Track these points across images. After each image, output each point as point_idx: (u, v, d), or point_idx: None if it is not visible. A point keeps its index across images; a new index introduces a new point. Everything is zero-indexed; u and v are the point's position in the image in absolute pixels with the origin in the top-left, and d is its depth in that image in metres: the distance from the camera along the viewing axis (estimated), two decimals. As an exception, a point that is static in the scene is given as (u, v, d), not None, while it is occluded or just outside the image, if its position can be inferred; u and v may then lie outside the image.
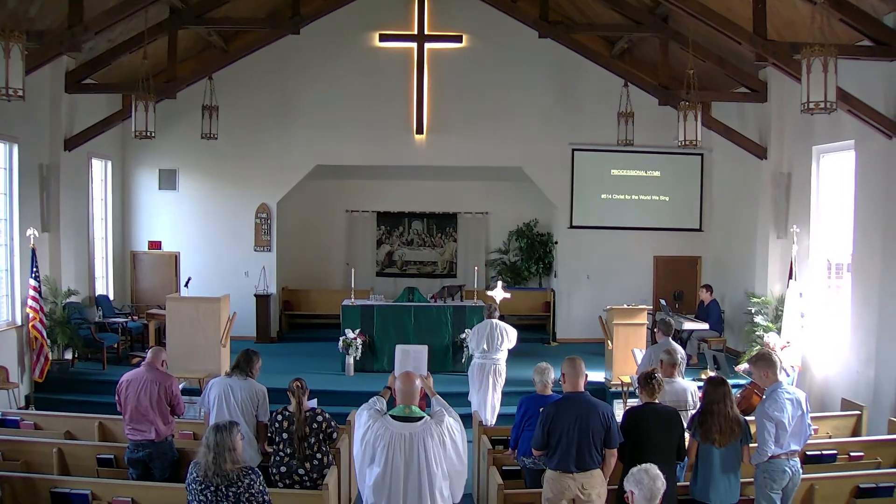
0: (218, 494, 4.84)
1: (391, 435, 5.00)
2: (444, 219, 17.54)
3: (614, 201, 15.87)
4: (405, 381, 5.22)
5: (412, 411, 5.11)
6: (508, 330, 10.35)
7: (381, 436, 5.01)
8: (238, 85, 15.13)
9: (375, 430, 5.04)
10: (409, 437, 4.99)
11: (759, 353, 6.86)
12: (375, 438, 5.01)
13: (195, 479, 4.89)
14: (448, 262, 17.57)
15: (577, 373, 5.90)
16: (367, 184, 17.25)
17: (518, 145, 15.57)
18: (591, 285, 15.79)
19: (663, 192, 15.90)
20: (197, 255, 15.51)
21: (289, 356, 13.72)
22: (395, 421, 5.07)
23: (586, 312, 15.22)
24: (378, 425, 5.05)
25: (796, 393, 6.32)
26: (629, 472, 4.16)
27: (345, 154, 15.52)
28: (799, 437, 6.23)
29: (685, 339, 13.02)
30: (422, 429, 5.04)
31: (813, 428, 6.70)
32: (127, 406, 6.87)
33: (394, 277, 17.36)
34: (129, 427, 6.89)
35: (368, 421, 5.11)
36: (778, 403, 6.13)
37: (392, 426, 5.03)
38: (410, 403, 5.15)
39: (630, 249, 15.86)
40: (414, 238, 17.56)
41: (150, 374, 6.93)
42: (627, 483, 4.09)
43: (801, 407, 6.24)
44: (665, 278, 15.89)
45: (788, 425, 6.11)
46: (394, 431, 5.01)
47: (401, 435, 4.99)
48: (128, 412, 6.87)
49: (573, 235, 15.90)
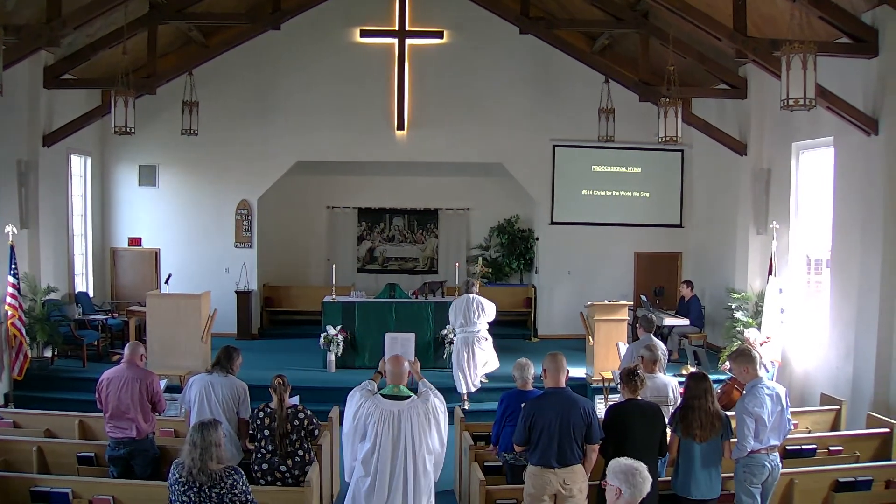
0: (202, 495, 4.81)
1: (381, 412, 5.53)
2: (425, 215, 17.52)
3: (595, 197, 15.87)
4: (394, 363, 5.78)
5: (400, 391, 5.66)
6: (485, 304, 11.22)
7: (372, 413, 5.53)
8: (218, 80, 14.99)
9: (367, 407, 5.56)
10: (398, 414, 5.53)
11: (738, 349, 6.92)
12: (367, 415, 5.53)
13: (178, 479, 4.86)
14: (429, 259, 17.56)
15: (559, 368, 5.90)
16: (349, 180, 17.21)
17: (499, 141, 15.55)
18: (572, 281, 15.79)
19: (644, 189, 15.90)
20: (177, 251, 15.39)
21: (270, 353, 13.64)
22: (385, 399, 5.61)
23: (567, 308, 15.27)
24: (369, 403, 5.57)
25: (776, 388, 6.33)
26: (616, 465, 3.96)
27: (326, 150, 15.45)
28: (778, 431, 6.24)
29: (666, 334, 13.02)
30: (409, 406, 5.59)
31: (793, 423, 6.70)
32: (108, 404, 6.81)
33: (375, 274, 17.36)
34: (110, 425, 6.83)
35: (360, 399, 5.62)
36: (758, 399, 6.14)
37: (382, 404, 5.57)
38: (399, 383, 5.71)
39: (611, 245, 15.88)
40: (395, 234, 17.55)
41: (131, 372, 6.87)
42: (615, 479, 3.91)
43: (780, 402, 6.24)
44: (646, 274, 15.89)
45: (768, 420, 6.12)
46: (384, 409, 5.54)
47: (390, 412, 5.53)
48: (108, 410, 6.81)
49: (554, 231, 15.90)
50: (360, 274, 17.31)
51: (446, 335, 12.22)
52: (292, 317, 16.53)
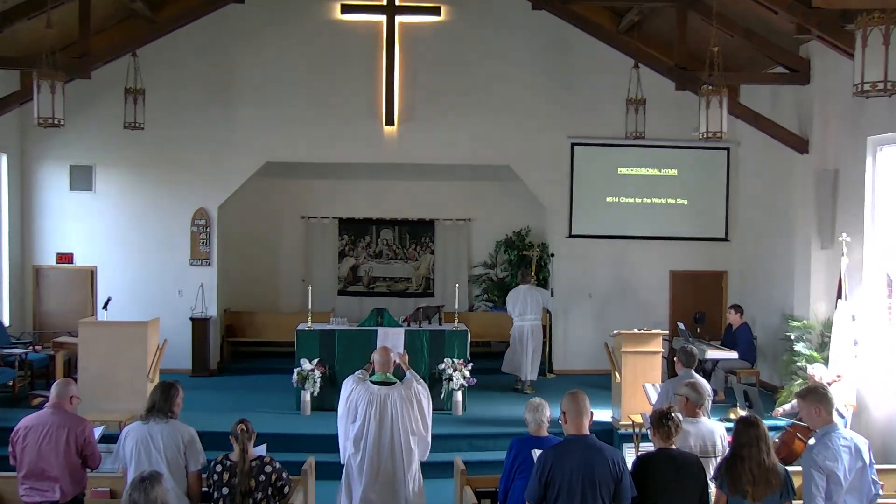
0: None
1: (370, 395, 7.37)
2: (419, 227, 17.65)
3: (622, 205, 15.91)
4: (382, 353, 7.68)
5: (387, 377, 7.54)
6: (540, 293, 14.10)
7: (362, 396, 7.38)
8: (169, 64, 15.00)
9: (358, 391, 7.42)
10: (384, 397, 7.38)
11: (809, 385, 6.80)
12: (358, 398, 7.38)
13: None
14: (424, 279, 17.69)
15: (581, 410, 5.86)
16: (328, 185, 17.33)
17: (507, 139, 15.61)
18: (594, 306, 15.82)
19: (681, 195, 15.92)
20: (119, 270, 15.29)
21: (232, 392, 13.70)
22: (374, 385, 7.49)
23: (589, 338, 15.34)
24: (360, 388, 7.45)
25: (855, 439, 6.19)
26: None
27: (300, 149, 15.48)
28: (859, 494, 6.09)
29: (709, 370, 13.03)
30: (394, 390, 7.46)
31: (879, 484, 6.46)
32: (24, 459, 6.65)
33: (359, 297, 17.46)
34: (26, 486, 6.66)
35: (352, 385, 7.51)
36: (831, 450, 6.02)
37: (371, 388, 7.43)
38: (386, 371, 7.57)
39: (641, 263, 15.90)
40: (383, 249, 17.64)
41: (58, 418, 6.71)
42: None
43: (861, 457, 6.10)
44: (684, 297, 15.87)
45: (844, 479, 5.99)
46: (373, 392, 7.39)
47: (377, 395, 7.38)
48: (24, 467, 6.65)
49: (573, 246, 15.91)
50: (342, 297, 17.42)
51: (444, 370, 12.32)
52: (259, 349, 16.65)
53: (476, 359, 12.94)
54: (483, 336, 16.34)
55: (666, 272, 16.02)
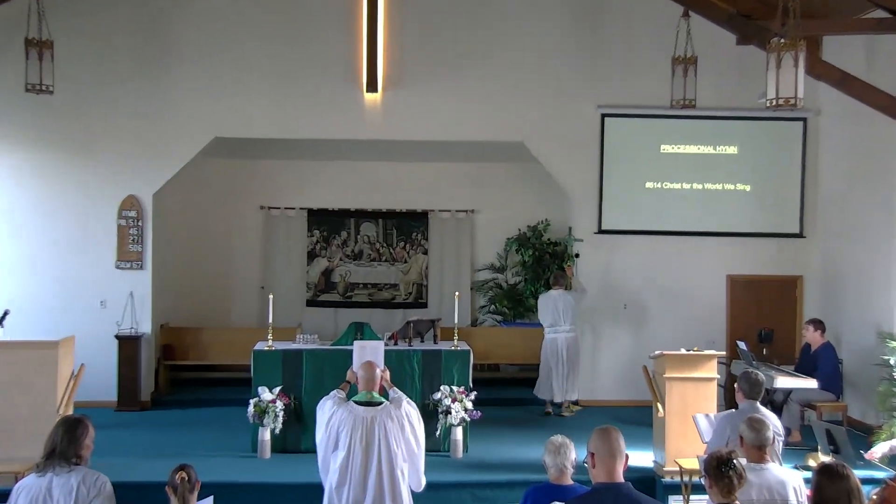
0: None
1: (354, 418, 7.68)
2: (409, 220, 17.82)
3: (666, 193, 15.81)
4: (367, 369, 8.05)
5: (373, 397, 7.87)
6: (574, 296, 14.64)
7: (345, 420, 7.68)
8: (85, 9, 14.90)
9: (340, 415, 7.71)
10: (371, 420, 7.69)
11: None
12: (340, 423, 7.68)
13: None
14: (415, 286, 17.84)
15: (614, 451, 5.80)
16: (293, 167, 17.53)
17: (520, 110, 15.60)
18: (629, 320, 15.79)
19: (743, 179, 15.82)
20: (19, 275, 15.12)
21: (169, 431, 13.56)
22: (358, 406, 7.78)
23: (623, 361, 15.42)
24: (342, 410, 7.74)
25: None
26: None
27: (258, 122, 15.42)
28: None
29: (780, 403, 12.96)
30: (382, 412, 7.77)
31: None
32: None
33: (333, 308, 17.61)
34: None
35: (333, 407, 7.80)
36: None
37: (355, 410, 7.72)
38: (372, 390, 7.92)
39: (691, 266, 15.81)
40: (364, 249, 17.75)
41: None
42: None
43: None
44: (746, 309, 15.79)
45: None
46: (357, 415, 7.69)
47: (363, 418, 7.68)
48: None
49: (603, 244, 15.84)
50: (312, 309, 17.61)
51: (440, 401, 12.22)
52: (206, 374, 16.66)
53: (480, 386, 12.92)
54: (489, 357, 16.38)
55: (722, 277, 15.91)
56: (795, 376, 13.00)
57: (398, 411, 7.77)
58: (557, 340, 14.49)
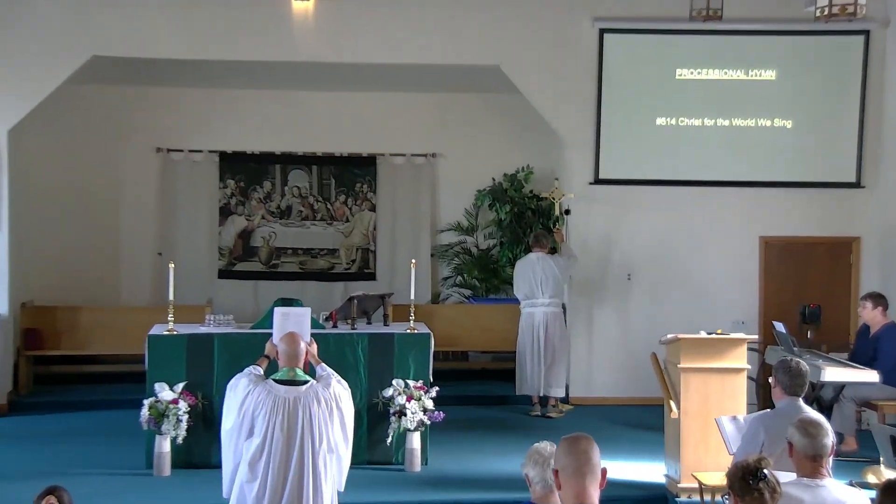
0: None
1: (274, 400, 7.83)
2: (351, 167, 17.87)
3: (682, 131, 15.68)
4: (289, 341, 8.18)
5: (297, 374, 8.03)
6: (556, 262, 14.56)
7: (263, 402, 7.82)
8: None
9: (256, 395, 7.85)
10: (294, 402, 7.85)
11: None
12: (256, 406, 7.82)
13: None
14: (360, 251, 17.90)
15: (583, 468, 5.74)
16: (200, 98, 17.47)
17: (495, 24, 15.54)
18: (634, 294, 15.81)
19: (783, 112, 15.61)
20: None
21: (34, 443, 13.22)
22: (279, 385, 7.94)
23: (625, 347, 15.42)
24: (259, 390, 7.88)
25: None
26: None
27: (152, 37, 15.13)
28: None
29: (830, 401, 12.78)
30: (308, 392, 7.93)
31: None
32: None
33: (254, 280, 17.62)
34: None
35: (249, 386, 7.92)
36: None
37: (275, 390, 7.89)
38: (295, 366, 8.07)
39: (714, 225, 15.74)
40: (293, 204, 17.77)
41: None
42: None
43: None
44: (785, 281, 15.76)
45: None
46: (277, 395, 7.85)
47: (284, 399, 7.84)
48: None
49: (600, 198, 15.74)
50: (225, 282, 17.64)
51: (392, 399, 12.04)
52: (83, 368, 16.44)
53: (444, 380, 12.83)
54: (455, 343, 16.37)
55: (754, 240, 15.81)
56: (849, 367, 12.75)
57: (326, 392, 7.93)
58: (534, 316, 14.48)
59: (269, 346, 8.58)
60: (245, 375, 8.06)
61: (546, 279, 14.45)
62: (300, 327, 11.09)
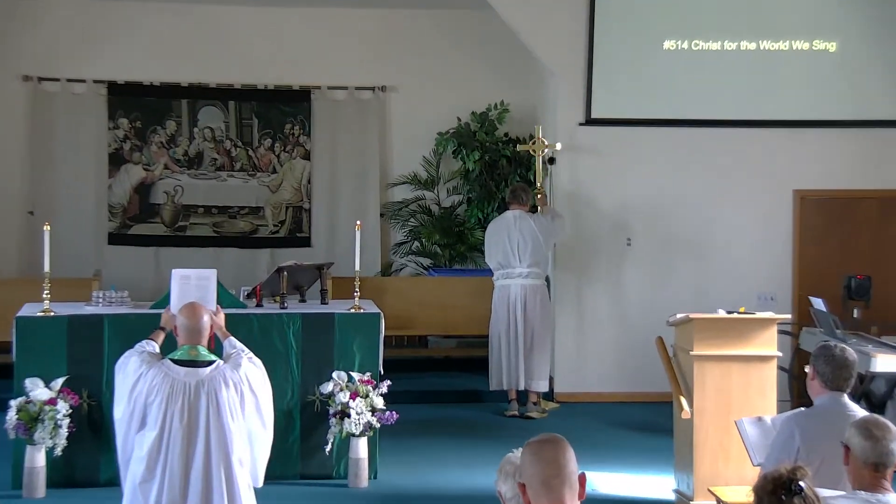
0: None
1: (172, 384, 7.67)
2: (279, 103, 17.89)
3: (696, 57, 15.52)
4: (190, 313, 7.97)
5: (199, 353, 7.83)
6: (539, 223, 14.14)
7: (159, 386, 7.66)
8: None
9: (150, 379, 7.67)
10: (196, 387, 7.69)
11: None
12: (150, 391, 7.67)
13: None
14: (290, 210, 17.94)
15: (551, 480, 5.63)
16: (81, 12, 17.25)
17: None
18: (635, 264, 15.75)
19: (824, 32, 15.41)
20: None
21: None
22: (177, 366, 7.76)
23: (624, 330, 15.48)
24: (154, 372, 7.70)
25: None
26: None
27: None
28: None
29: (883, 397, 12.83)
30: (213, 375, 7.75)
31: None
32: None
33: (155, 247, 17.48)
34: None
35: (141, 368, 7.77)
36: None
37: (173, 372, 7.72)
38: (197, 343, 7.88)
39: (736, 176, 15.64)
40: (205, 150, 17.63)
41: None
42: None
43: None
44: (824, 246, 15.64)
45: None
46: (175, 379, 7.69)
47: (185, 384, 7.68)
48: None
49: (594, 143, 15.69)
50: (118, 248, 17.47)
51: (333, 395, 11.80)
52: None
53: (398, 371, 12.82)
54: (411, 325, 16.34)
55: (787, 194, 15.72)
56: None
57: (236, 373, 7.76)
58: (510, 290, 14.12)
59: (166, 316, 8.56)
60: (136, 353, 7.91)
61: (525, 243, 13.99)
62: (204, 294, 11.28)
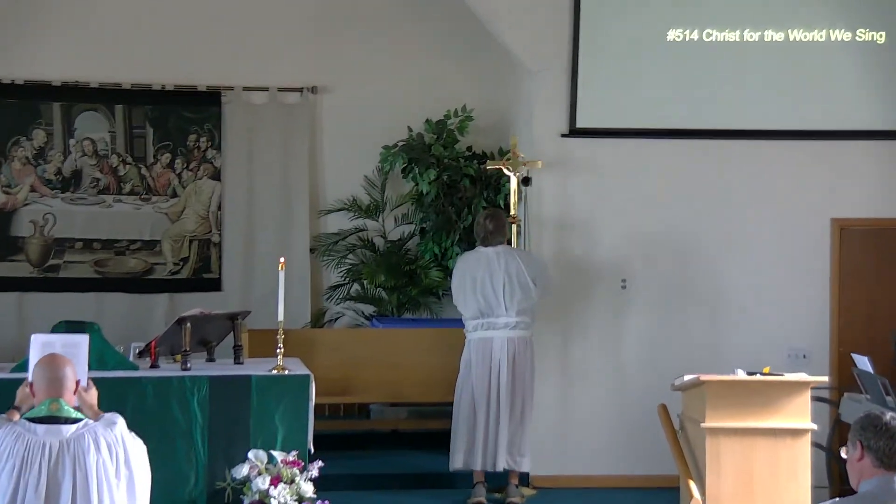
0: None
1: (28, 445, 7.57)
2: (181, 108, 17.58)
3: (708, 48, 15.20)
4: (49, 365, 8.08)
5: (62, 408, 7.78)
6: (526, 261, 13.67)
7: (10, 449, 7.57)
8: None
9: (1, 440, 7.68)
10: (59, 449, 7.60)
11: None
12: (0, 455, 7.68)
13: None
14: (195, 245, 17.59)
15: None
16: None
17: None
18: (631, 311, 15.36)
19: (870, 21, 15.00)
20: None
21: None
22: (35, 424, 7.69)
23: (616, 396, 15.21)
24: (4, 433, 7.64)
25: None
26: None
27: None
28: None
29: None
30: (80, 434, 7.68)
31: None
32: None
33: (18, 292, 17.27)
34: None
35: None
36: None
37: (30, 432, 7.62)
38: (59, 396, 7.89)
39: (759, 200, 15.20)
40: (84, 167, 17.29)
41: None
42: None
43: None
44: (871, 287, 15.26)
45: None
46: (31, 440, 7.61)
47: (43, 445, 7.58)
48: None
49: (578, 159, 15.41)
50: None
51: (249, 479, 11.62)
52: None
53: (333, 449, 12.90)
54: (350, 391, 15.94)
55: (824, 223, 15.27)
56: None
57: (110, 433, 7.64)
58: (492, 345, 13.39)
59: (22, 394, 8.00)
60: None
61: (512, 286, 13.31)
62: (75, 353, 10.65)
